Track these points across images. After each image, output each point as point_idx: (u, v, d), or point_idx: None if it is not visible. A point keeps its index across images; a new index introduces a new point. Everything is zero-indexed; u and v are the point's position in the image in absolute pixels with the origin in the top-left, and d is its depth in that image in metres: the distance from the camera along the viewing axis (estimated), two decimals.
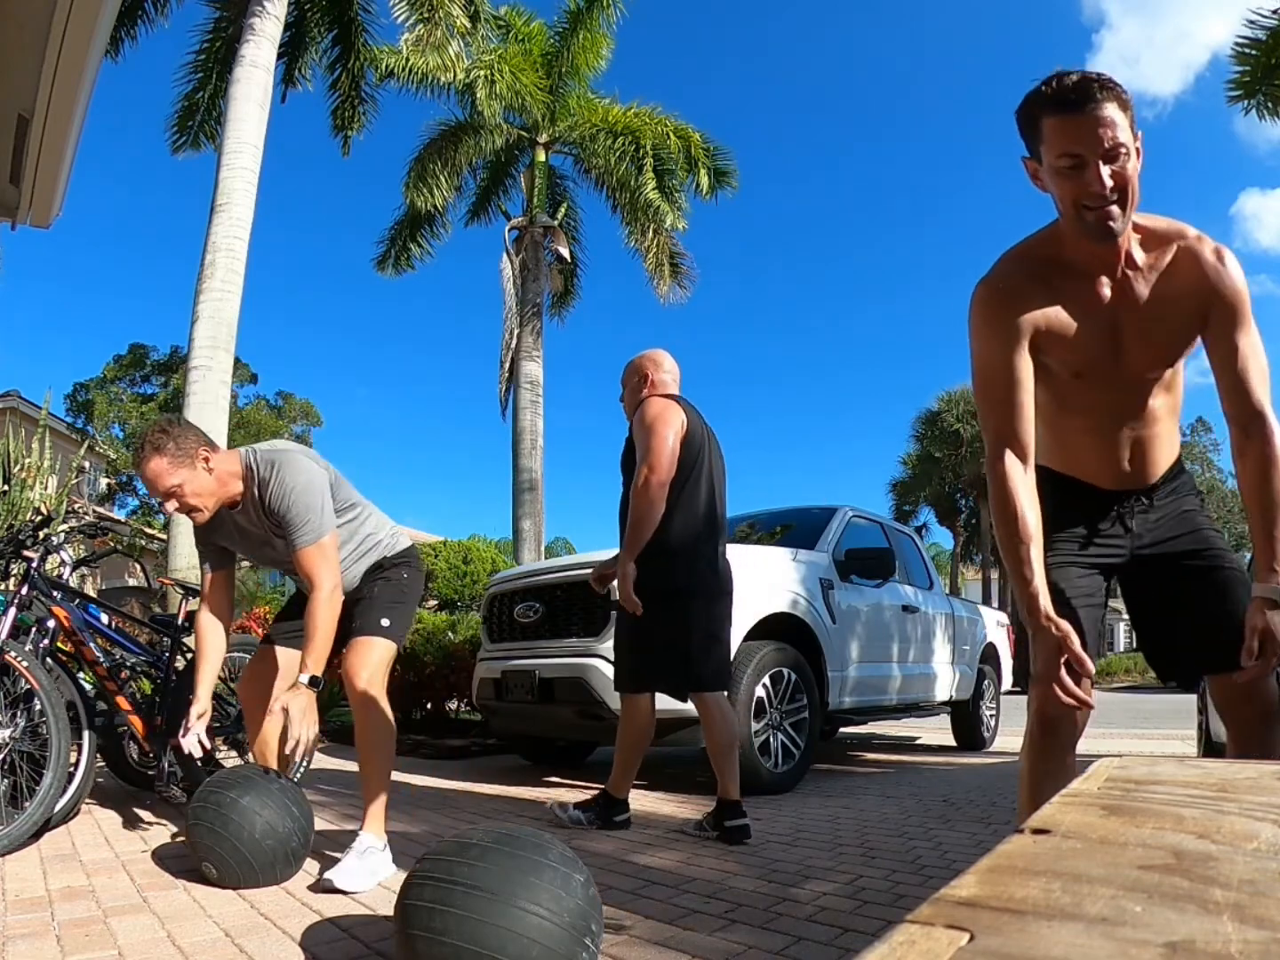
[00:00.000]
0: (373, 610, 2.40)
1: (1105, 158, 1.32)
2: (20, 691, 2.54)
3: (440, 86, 10.26)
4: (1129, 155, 1.33)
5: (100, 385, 27.16)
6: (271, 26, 7.30)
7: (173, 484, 2.24)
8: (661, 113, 11.26)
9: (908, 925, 0.36)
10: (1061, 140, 1.35)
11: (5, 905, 1.94)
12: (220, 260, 6.59)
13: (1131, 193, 1.35)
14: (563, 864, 1.46)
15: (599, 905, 1.49)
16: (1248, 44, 7.48)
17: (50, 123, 3.29)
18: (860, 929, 1.82)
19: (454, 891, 1.37)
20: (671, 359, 3.08)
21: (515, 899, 1.36)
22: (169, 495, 2.26)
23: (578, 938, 1.39)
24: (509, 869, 1.39)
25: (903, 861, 2.46)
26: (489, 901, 1.35)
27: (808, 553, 4.40)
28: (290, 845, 2.17)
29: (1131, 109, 1.34)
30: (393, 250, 12.21)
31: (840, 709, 4.40)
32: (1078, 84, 1.31)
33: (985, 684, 6.51)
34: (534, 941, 1.34)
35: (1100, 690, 20.55)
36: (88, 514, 9.36)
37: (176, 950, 1.69)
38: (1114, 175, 1.33)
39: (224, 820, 2.09)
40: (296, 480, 2.28)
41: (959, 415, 29.40)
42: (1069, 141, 1.34)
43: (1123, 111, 1.32)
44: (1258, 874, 0.41)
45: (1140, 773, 0.73)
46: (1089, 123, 1.31)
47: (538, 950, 1.33)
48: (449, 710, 6.37)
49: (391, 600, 2.46)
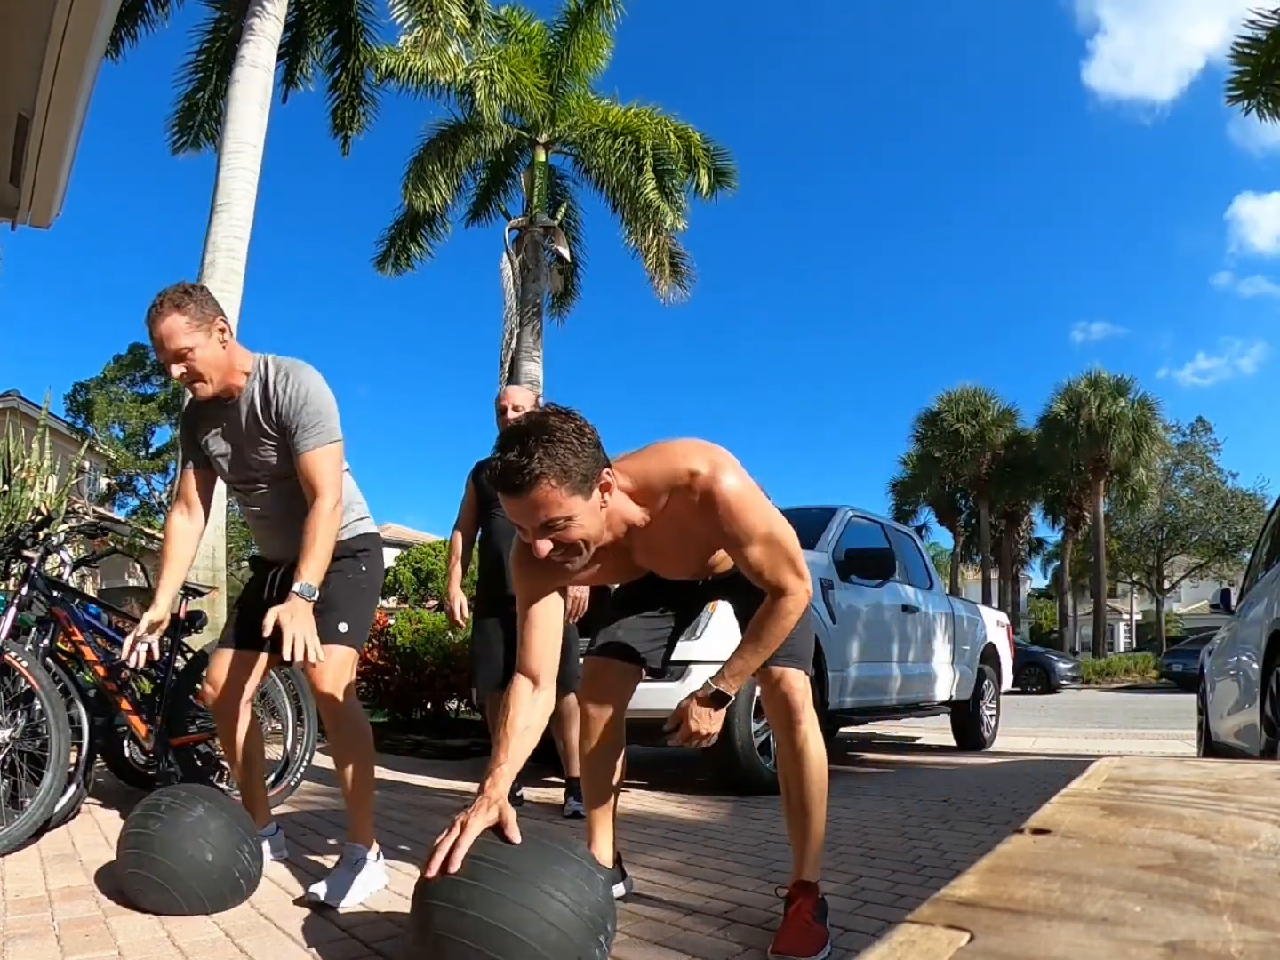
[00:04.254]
0: (327, 613, 2.21)
1: (540, 531, 1.51)
2: (20, 691, 2.54)
3: (440, 87, 10.25)
4: (570, 520, 1.50)
5: (100, 385, 27.14)
6: (271, 26, 7.29)
7: (185, 344, 2.10)
8: (661, 113, 11.25)
9: (908, 925, 0.36)
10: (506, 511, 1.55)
11: (5, 905, 1.94)
12: (220, 260, 6.58)
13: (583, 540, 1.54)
14: (587, 860, 1.49)
15: (615, 909, 1.50)
16: (1248, 44, 7.48)
17: (50, 123, 3.29)
18: (860, 929, 1.82)
19: (479, 866, 1.37)
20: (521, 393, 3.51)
21: (540, 882, 1.37)
22: (178, 357, 2.11)
23: (594, 933, 1.39)
24: (536, 855, 1.41)
25: (903, 861, 2.46)
26: (514, 880, 1.36)
27: (808, 553, 4.37)
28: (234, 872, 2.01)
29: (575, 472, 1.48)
30: (392, 250, 12.21)
31: (840, 709, 4.40)
32: (503, 473, 1.48)
33: (985, 684, 6.51)
34: (553, 926, 1.34)
35: (1100, 690, 20.55)
36: (88, 514, 9.35)
37: (176, 950, 1.69)
38: (554, 539, 1.52)
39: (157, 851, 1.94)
40: (312, 381, 2.20)
41: (959, 415, 29.38)
42: (510, 515, 1.54)
43: (559, 485, 1.47)
44: (1258, 874, 0.41)
45: (1140, 773, 0.73)
46: (521, 505, 1.49)
47: (555, 935, 1.34)
48: (449, 710, 6.37)
49: (348, 599, 2.29)
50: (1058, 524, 30.99)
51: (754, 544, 1.60)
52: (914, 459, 31.37)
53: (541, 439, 1.47)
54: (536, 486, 1.46)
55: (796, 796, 1.80)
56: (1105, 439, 26.04)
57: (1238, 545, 28.80)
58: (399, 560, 16.71)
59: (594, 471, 1.53)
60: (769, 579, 1.63)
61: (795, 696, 1.76)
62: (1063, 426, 26.95)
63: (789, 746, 1.79)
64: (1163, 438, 27.88)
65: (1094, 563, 28.76)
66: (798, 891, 1.75)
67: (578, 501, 1.50)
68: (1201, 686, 5.44)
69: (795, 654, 1.78)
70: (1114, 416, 26.17)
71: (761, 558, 1.61)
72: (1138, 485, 27.00)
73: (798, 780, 1.79)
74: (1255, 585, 4.22)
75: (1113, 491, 28.25)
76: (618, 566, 1.80)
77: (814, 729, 1.80)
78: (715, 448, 1.66)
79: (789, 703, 1.76)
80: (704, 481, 1.57)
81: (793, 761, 1.79)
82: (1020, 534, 31.93)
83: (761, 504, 1.63)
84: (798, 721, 1.77)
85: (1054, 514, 30.92)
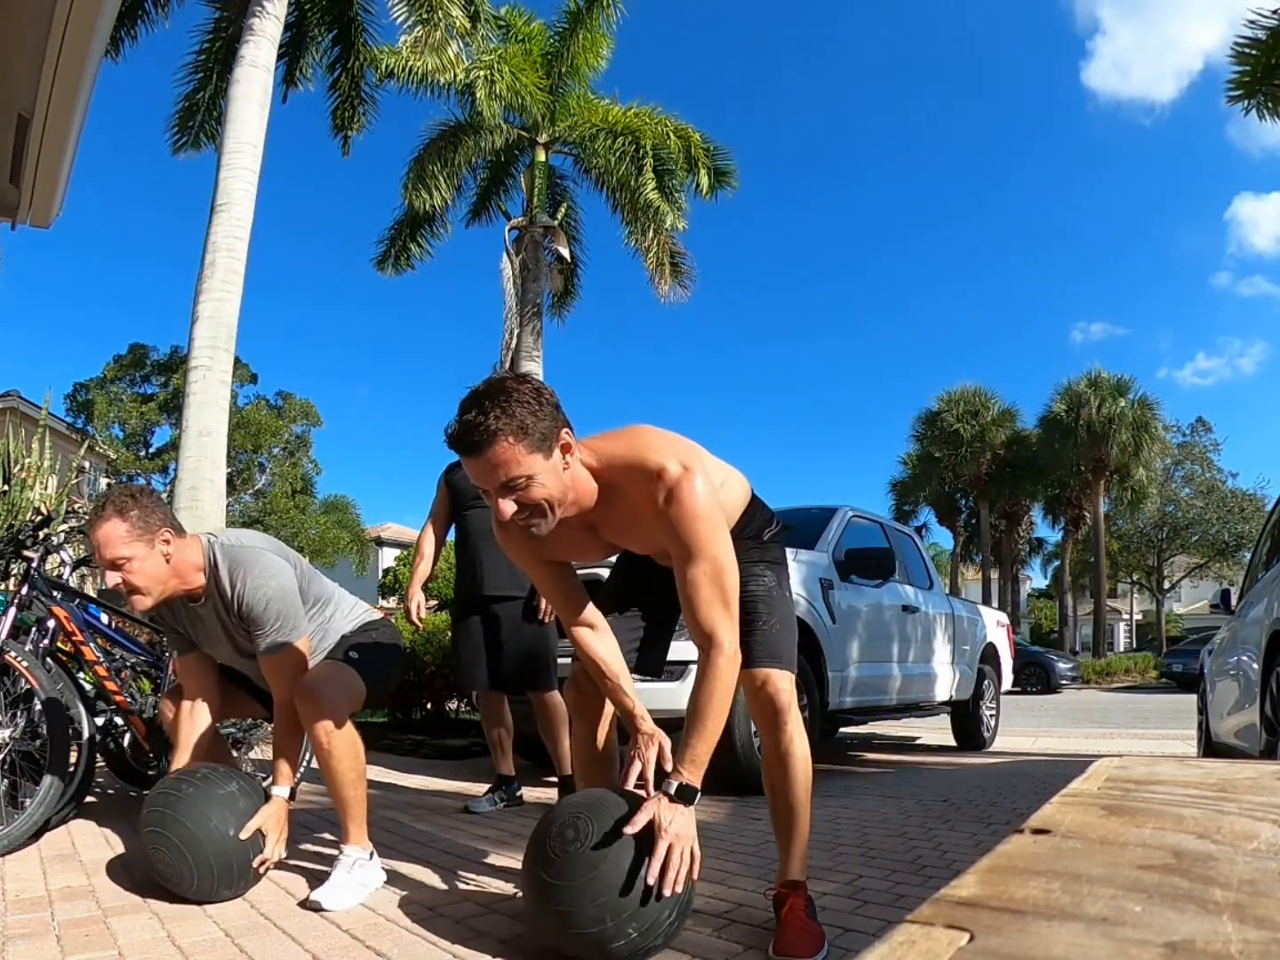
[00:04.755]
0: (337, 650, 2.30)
1: (502, 491, 1.50)
2: (20, 691, 2.54)
3: (440, 87, 10.25)
4: (530, 479, 1.50)
5: (100, 385, 27.12)
6: (271, 26, 7.29)
7: (122, 554, 2.04)
8: (661, 113, 11.26)
9: (908, 925, 0.36)
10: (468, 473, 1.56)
11: (5, 905, 1.94)
12: (220, 260, 6.58)
13: (547, 501, 1.53)
14: None
15: None
16: (1248, 44, 7.48)
17: (50, 123, 3.29)
18: (860, 929, 1.82)
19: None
20: None
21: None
22: (114, 566, 2.05)
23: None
24: None
25: (903, 861, 2.46)
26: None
27: (808, 553, 4.40)
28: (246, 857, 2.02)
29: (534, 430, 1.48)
30: (392, 250, 12.22)
31: (840, 709, 4.40)
32: (461, 433, 1.48)
33: (985, 684, 6.51)
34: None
35: (1100, 690, 20.55)
36: (88, 514, 9.35)
37: (176, 950, 1.69)
38: (517, 500, 1.52)
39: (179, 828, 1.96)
40: (268, 582, 2.13)
41: (959, 415, 29.38)
42: (472, 477, 1.55)
43: (517, 442, 1.47)
44: (1258, 874, 0.41)
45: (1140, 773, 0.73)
46: (480, 464, 1.49)
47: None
48: (449, 710, 6.37)
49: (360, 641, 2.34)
50: (1058, 524, 30.99)
51: (697, 561, 1.56)
52: (914, 459, 31.36)
53: (499, 399, 1.48)
54: (494, 443, 1.46)
55: (783, 797, 1.79)
56: (1105, 439, 26.03)
57: (1238, 545, 28.79)
58: (399, 560, 16.70)
59: (553, 431, 1.52)
60: (702, 616, 1.57)
61: (780, 699, 1.74)
62: (1063, 426, 26.94)
63: (774, 748, 1.78)
64: (1163, 438, 27.87)
65: (1094, 563, 28.75)
66: (788, 891, 1.75)
67: (538, 460, 1.50)
68: (1201, 686, 5.44)
69: (776, 654, 1.77)
70: (1114, 416, 26.17)
71: (699, 580, 1.56)
72: (1138, 485, 27.00)
73: (784, 781, 1.78)
74: (1255, 585, 4.22)
75: (1113, 491, 28.25)
76: (588, 543, 1.78)
77: (799, 730, 1.78)
78: (690, 448, 1.65)
79: (774, 704, 1.75)
80: (671, 480, 1.56)
81: (778, 763, 1.78)
82: (1020, 534, 31.92)
83: (719, 525, 1.60)
84: (783, 723, 1.76)
85: (1054, 514, 30.91)
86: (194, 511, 6.20)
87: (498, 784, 3.45)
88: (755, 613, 1.80)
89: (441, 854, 2.55)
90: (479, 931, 1.81)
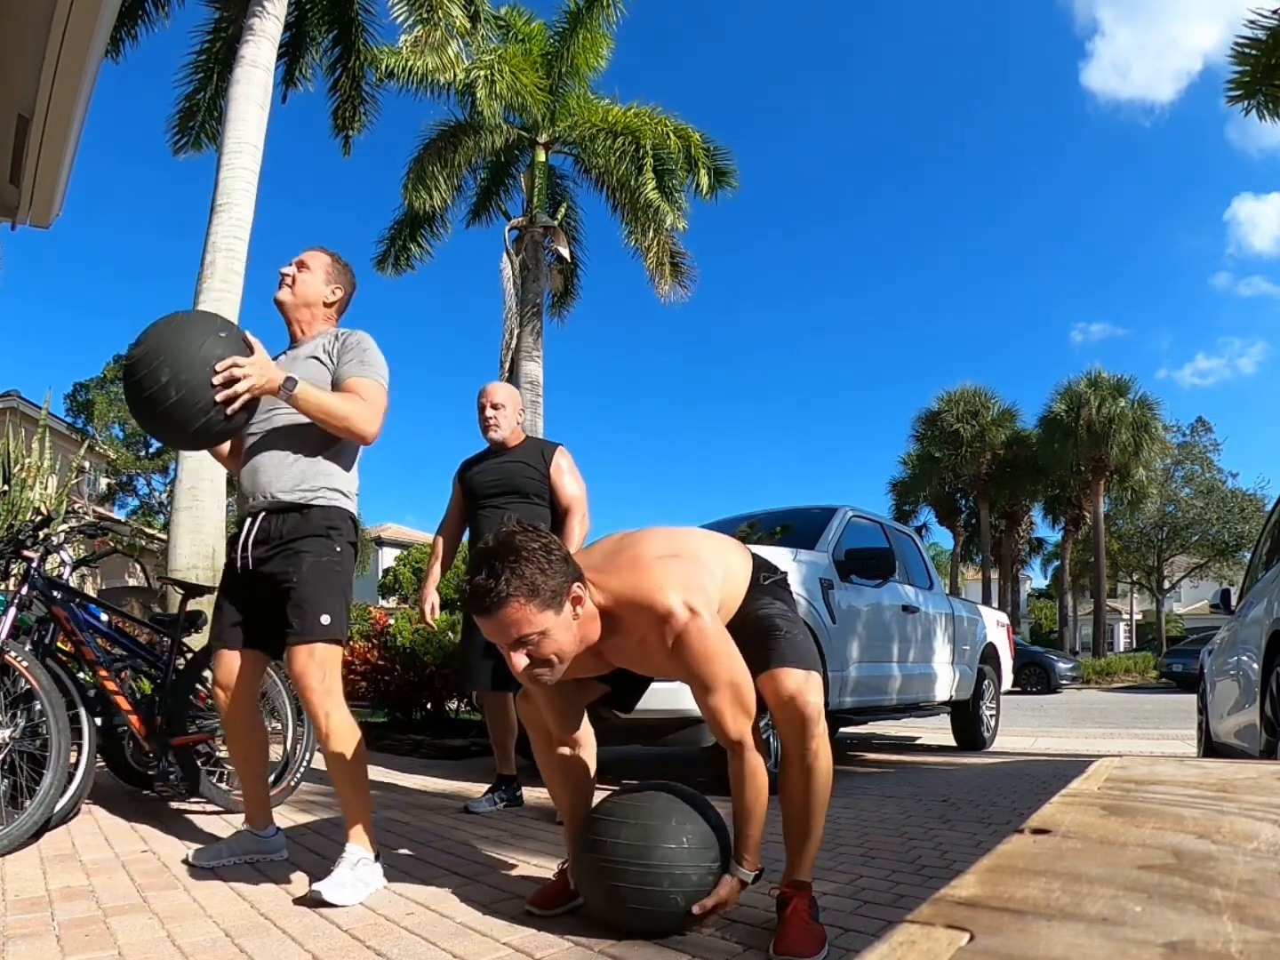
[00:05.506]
0: (306, 605, 2.16)
1: (514, 647, 1.58)
2: (20, 691, 2.54)
3: (440, 87, 10.25)
4: (543, 635, 1.57)
5: (100, 385, 27.13)
6: (272, 26, 7.29)
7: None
8: (661, 113, 11.25)
9: (908, 925, 0.36)
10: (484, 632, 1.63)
11: (5, 905, 1.94)
12: (220, 260, 6.58)
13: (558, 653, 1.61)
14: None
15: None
16: (1248, 44, 7.47)
17: (50, 123, 3.29)
18: (860, 929, 1.82)
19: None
20: None
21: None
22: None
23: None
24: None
25: (903, 861, 2.46)
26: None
27: (808, 553, 4.40)
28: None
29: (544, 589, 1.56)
30: (392, 250, 12.21)
31: (840, 709, 4.40)
32: (473, 595, 1.56)
33: (985, 684, 6.50)
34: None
35: (1100, 690, 20.54)
36: (88, 514, 9.36)
37: (176, 950, 1.69)
38: (529, 654, 1.59)
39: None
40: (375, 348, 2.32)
41: (959, 415, 29.36)
42: (487, 634, 1.62)
43: (528, 603, 1.54)
44: (1258, 874, 0.41)
45: (1140, 773, 0.73)
46: (493, 625, 1.57)
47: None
48: (449, 710, 6.37)
49: (323, 588, 2.19)
50: (1058, 524, 30.98)
51: (717, 691, 1.66)
52: (914, 459, 31.34)
53: (508, 560, 1.55)
54: (506, 606, 1.54)
55: (801, 806, 1.77)
56: (1105, 439, 26.02)
57: (1238, 545, 28.79)
58: (399, 560, 16.70)
59: (563, 586, 1.59)
60: (728, 729, 1.67)
61: (810, 710, 1.71)
62: (1063, 426, 26.94)
63: (799, 760, 1.74)
64: (1163, 438, 27.85)
65: (1094, 563, 28.74)
66: (793, 891, 1.74)
67: (549, 616, 1.57)
68: (1201, 686, 5.44)
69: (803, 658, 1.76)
70: (1114, 416, 26.16)
71: (722, 705, 1.66)
72: (1138, 485, 26.99)
73: (805, 793, 1.76)
74: (1255, 585, 4.22)
75: (1113, 491, 28.24)
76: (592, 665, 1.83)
77: (825, 742, 1.75)
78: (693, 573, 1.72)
79: (804, 715, 1.71)
80: (679, 625, 1.62)
81: (801, 776, 1.75)
82: (1020, 534, 31.90)
83: (729, 652, 1.67)
84: (811, 735, 1.72)
85: (1054, 514, 30.90)
86: (194, 511, 6.20)
87: (498, 784, 3.45)
88: (774, 625, 1.81)
89: (441, 854, 2.55)
90: (479, 931, 1.81)
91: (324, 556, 2.21)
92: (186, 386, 1.95)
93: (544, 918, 1.88)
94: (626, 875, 1.71)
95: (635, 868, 1.70)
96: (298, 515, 2.22)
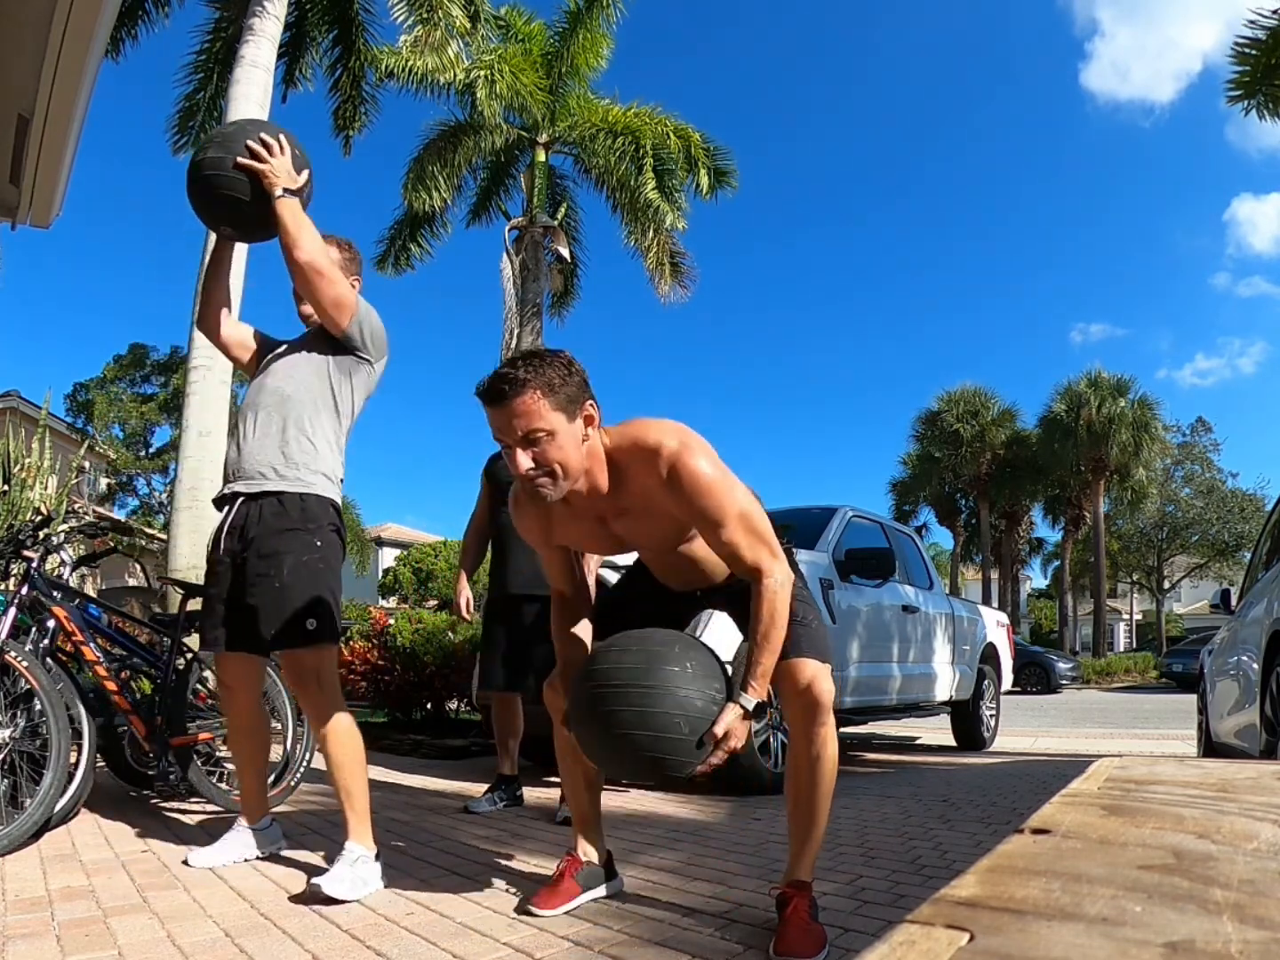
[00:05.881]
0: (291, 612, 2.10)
1: (522, 444, 1.58)
2: (20, 691, 2.54)
3: (440, 87, 10.26)
4: (551, 436, 1.57)
5: (100, 385, 27.14)
6: (272, 26, 7.29)
7: None
8: (661, 113, 11.26)
9: (908, 925, 0.36)
10: (492, 427, 1.63)
11: (5, 905, 1.94)
12: None
13: (561, 464, 1.60)
14: None
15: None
16: (1248, 44, 7.47)
17: (50, 123, 3.29)
18: (860, 929, 1.82)
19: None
20: None
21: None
22: None
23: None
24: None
25: (903, 861, 2.46)
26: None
27: (808, 553, 4.40)
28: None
29: (560, 391, 1.58)
30: (392, 250, 12.22)
31: (840, 709, 4.40)
32: (491, 383, 1.58)
33: (985, 684, 6.51)
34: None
35: (1100, 690, 20.54)
36: (88, 514, 9.36)
37: (176, 950, 1.69)
38: (535, 456, 1.59)
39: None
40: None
41: (959, 415, 29.36)
42: (495, 430, 1.62)
43: (543, 397, 1.56)
44: (1258, 874, 0.41)
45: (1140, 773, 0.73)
46: (504, 414, 1.57)
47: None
48: (449, 710, 6.37)
49: (308, 589, 2.14)
50: (1058, 524, 30.98)
51: (726, 523, 1.63)
52: (914, 459, 31.34)
53: (531, 360, 1.59)
54: (521, 393, 1.55)
55: (806, 796, 1.78)
56: (1105, 439, 26.02)
57: (1238, 545, 28.78)
58: (399, 560, 16.68)
59: (579, 397, 1.61)
60: (746, 559, 1.66)
61: (824, 699, 1.73)
62: (1063, 426, 26.94)
63: (807, 749, 1.75)
64: (1163, 438, 27.85)
65: (1094, 563, 28.74)
66: (794, 891, 1.74)
67: (560, 419, 1.58)
68: (1201, 686, 5.44)
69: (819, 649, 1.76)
70: (1114, 416, 26.16)
71: (735, 537, 1.64)
72: (1138, 485, 26.99)
73: (810, 783, 1.77)
74: (1255, 585, 4.22)
75: (1113, 491, 28.24)
76: (597, 536, 1.82)
77: (833, 732, 1.77)
78: (689, 431, 1.69)
79: (819, 703, 1.73)
80: (670, 456, 1.61)
81: (809, 765, 1.76)
82: (1020, 534, 31.90)
83: (731, 485, 1.66)
84: (822, 724, 1.74)
85: (1054, 514, 30.90)
86: (194, 511, 6.19)
87: (498, 783, 3.45)
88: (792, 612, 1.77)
89: (441, 854, 2.55)
90: (479, 931, 1.81)
91: (304, 555, 2.16)
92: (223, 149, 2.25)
93: (544, 918, 1.88)
94: (628, 697, 1.56)
95: (637, 689, 1.56)
96: (275, 502, 2.18)
